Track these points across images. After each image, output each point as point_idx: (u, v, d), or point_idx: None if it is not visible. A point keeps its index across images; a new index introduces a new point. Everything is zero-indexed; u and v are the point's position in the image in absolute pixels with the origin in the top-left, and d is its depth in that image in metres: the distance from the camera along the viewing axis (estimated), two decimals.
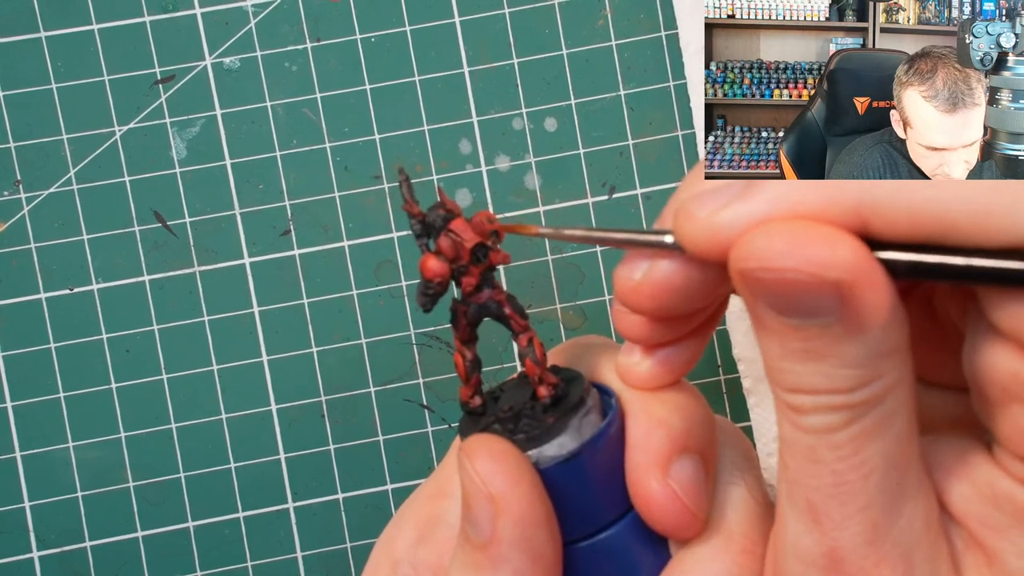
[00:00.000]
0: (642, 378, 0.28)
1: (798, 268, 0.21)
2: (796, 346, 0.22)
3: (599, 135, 0.46)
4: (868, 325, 0.21)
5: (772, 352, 0.23)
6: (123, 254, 0.45)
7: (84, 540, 0.45)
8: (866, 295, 0.21)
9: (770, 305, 0.22)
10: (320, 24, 0.46)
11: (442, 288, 0.28)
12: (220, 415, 0.45)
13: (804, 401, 0.22)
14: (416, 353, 0.46)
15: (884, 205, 0.21)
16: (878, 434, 0.22)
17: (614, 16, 0.46)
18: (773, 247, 0.21)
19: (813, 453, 0.23)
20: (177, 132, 0.45)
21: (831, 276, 0.20)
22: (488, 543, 0.26)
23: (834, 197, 0.21)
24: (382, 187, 0.46)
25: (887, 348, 0.22)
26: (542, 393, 0.28)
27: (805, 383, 0.22)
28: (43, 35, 0.45)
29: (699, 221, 0.23)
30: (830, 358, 0.22)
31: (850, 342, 0.21)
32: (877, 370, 0.22)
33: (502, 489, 0.26)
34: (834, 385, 0.22)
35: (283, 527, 0.45)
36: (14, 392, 0.45)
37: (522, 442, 0.27)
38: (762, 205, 0.22)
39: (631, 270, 0.26)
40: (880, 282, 0.21)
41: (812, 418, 0.22)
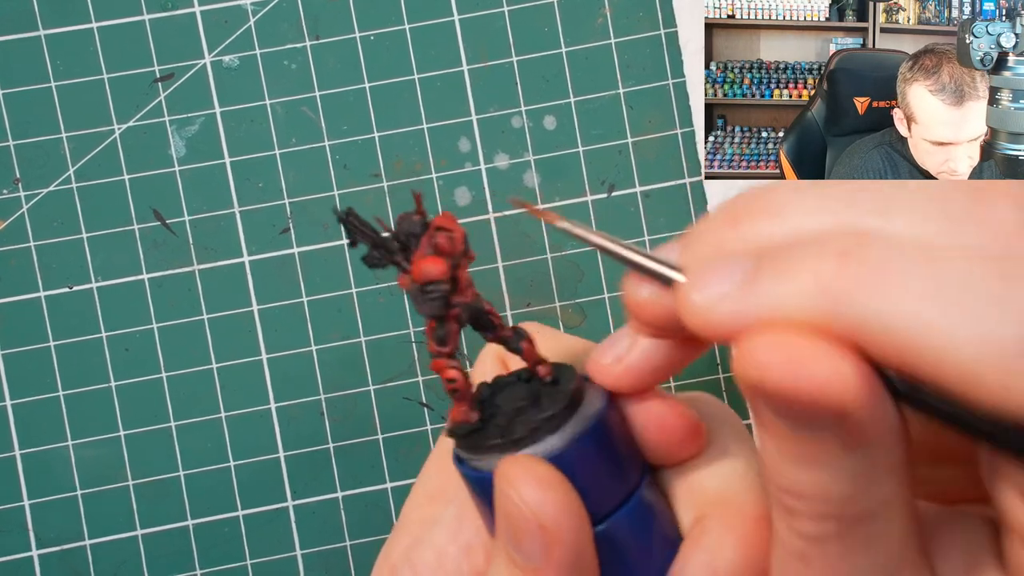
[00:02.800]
0: (614, 379, 0.27)
1: (798, 387, 0.20)
2: (792, 450, 0.21)
3: (598, 133, 0.46)
4: (865, 442, 0.21)
5: (768, 448, 0.22)
6: (122, 252, 0.45)
7: (83, 538, 0.45)
8: (866, 414, 0.20)
9: (770, 408, 0.21)
10: (319, 22, 0.45)
11: (448, 287, 0.27)
12: (219, 413, 0.45)
13: (797, 504, 0.22)
14: (415, 351, 0.46)
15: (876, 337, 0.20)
16: (869, 548, 0.22)
17: (613, 14, 0.46)
18: (773, 361, 0.20)
19: (803, 556, 0.22)
20: (176, 130, 0.45)
21: (831, 398, 0.20)
22: (544, 568, 0.25)
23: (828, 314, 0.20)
24: (381, 185, 0.46)
25: (884, 465, 0.21)
26: (542, 372, 0.28)
27: (799, 488, 0.22)
28: (42, 33, 0.45)
29: (696, 308, 0.22)
30: (825, 468, 0.21)
31: (846, 456, 0.21)
32: (872, 485, 0.21)
33: (556, 519, 0.25)
34: (827, 495, 0.21)
35: (282, 525, 0.45)
36: (13, 391, 0.45)
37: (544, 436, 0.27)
38: (757, 308, 0.21)
39: (640, 287, 0.25)
40: (881, 401, 0.20)
41: (804, 523, 0.22)
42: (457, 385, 0.27)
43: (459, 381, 0.27)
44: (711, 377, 0.46)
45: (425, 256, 0.27)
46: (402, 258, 0.27)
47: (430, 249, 0.27)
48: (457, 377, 0.27)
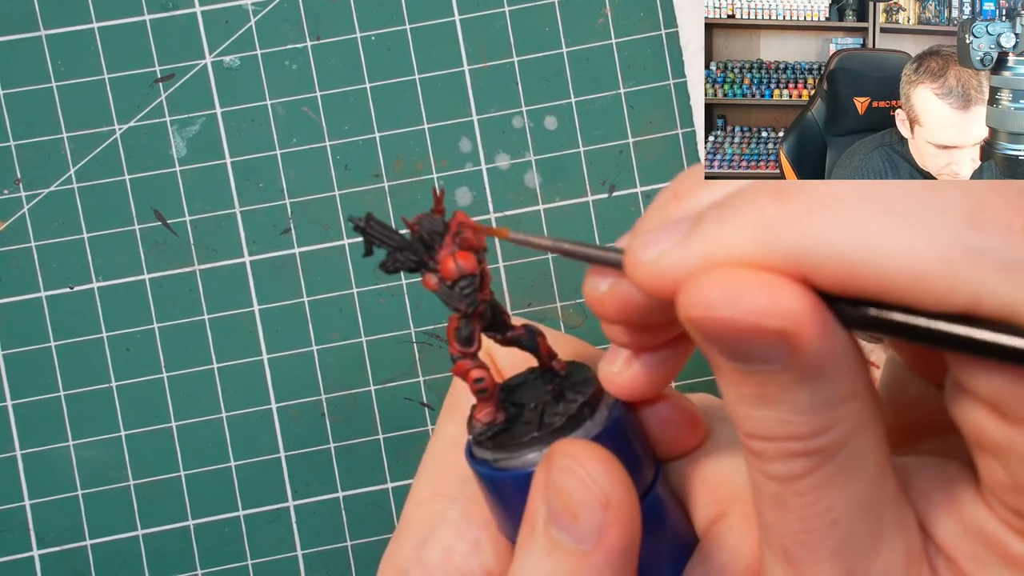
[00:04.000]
0: (623, 387, 0.28)
1: (736, 317, 0.20)
2: (749, 391, 0.22)
3: (599, 133, 0.46)
4: (817, 372, 0.21)
5: (729, 396, 0.23)
6: (123, 252, 0.45)
7: (84, 539, 0.45)
8: (813, 343, 0.20)
9: (719, 351, 0.21)
10: (320, 22, 0.45)
11: (477, 280, 0.27)
12: (220, 413, 0.45)
13: (765, 448, 0.22)
14: (416, 351, 0.46)
15: (820, 263, 0.20)
16: (842, 481, 0.22)
17: (614, 14, 0.46)
18: (713, 296, 0.21)
19: (780, 500, 0.22)
20: (177, 131, 0.45)
21: (771, 324, 0.20)
22: (594, 550, 0.25)
23: (769, 245, 0.20)
24: (382, 185, 0.46)
25: (842, 394, 0.21)
26: (558, 367, 0.29)
27: (762, 429, 0.22)
28: (43, 34, 0.45)
29: (642, 266, 0.23)
30: (783, 404, 0.21)
31: (801, 389, 0.21)
32: (833, 416, 0.21)
33: (621, 497, 0.25)
34: (790, 432, 0.22)
35: (283, 525, 0.45)
36: (14, 391, 0.45)
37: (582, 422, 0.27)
38: (700, 251, 0.21)
39: (596, 282, 0.26)
40: (829, 329, 0.21)
41: (775, 465, 0.22)
42: (485, 385, 0.27)
43: (487, 381, 0.27)
44: (710, 378, 0.46)
45: (453, 253, 0.27)
46: (428, 257, 0.27)
47: (455, 246, 0.27)
48: (485, 376, 0.27)
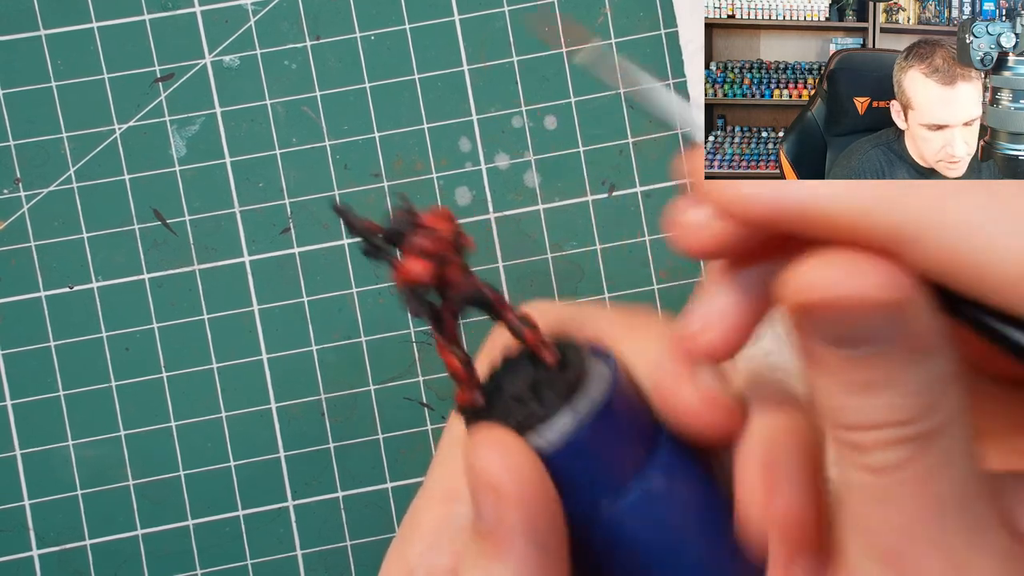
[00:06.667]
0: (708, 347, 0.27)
1: (854, 296, 0.20)
2: (856, 378, 0.22)
3: (599, 133, 0.46)
4: (926, 348, 0.21)
5: (830, 391, 0.22)
6: (123, 252, 0.45)
7: (84, 538, 0.45)
8: (921, 317, 0.21)
9: (827, 339, 0.22)
10: (320, 22, 0.45)
11: (429, 287, 0.27)
12: (220, 413, 0.45)
13: (867, 438, 0.22)
14: (416, 351, 0.46)
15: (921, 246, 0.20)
16: (947, 467, 0.22)
17: (613, 14, 0.46)
18: (827, 276, 0.21)
19: (883, 493, 0.22)
20: (177, 130, 0.45)
21: (890, 298, 0.20)
22: (493, 530, 0.26)
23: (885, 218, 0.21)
24: (382, 185, 0.46)
25: (946, 373, 0.21)
26: (548, 357, 0.28)
27: (867, 418, 0.22)
28: (42, 33, 0.45)
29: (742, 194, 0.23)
30: (892, 387, 0.21)
31: (910, 368, 0.21)
32: (939, 396, 0.21)
33: (502, 477, 0.26)
34: (897, 417, 0.21)
35: (283, 525, 0.45)
36: (14, 390, 0.45)
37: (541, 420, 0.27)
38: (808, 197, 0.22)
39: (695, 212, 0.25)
40: (933, 308, 0.21)
41: (877, 455, 0.22)
42: (453, 370, 0.28)
43: (455, 367, 0.28)
44: None
45: (411, 258, 0.27)
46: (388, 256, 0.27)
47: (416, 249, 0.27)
48: (453, 362, 0.28)
